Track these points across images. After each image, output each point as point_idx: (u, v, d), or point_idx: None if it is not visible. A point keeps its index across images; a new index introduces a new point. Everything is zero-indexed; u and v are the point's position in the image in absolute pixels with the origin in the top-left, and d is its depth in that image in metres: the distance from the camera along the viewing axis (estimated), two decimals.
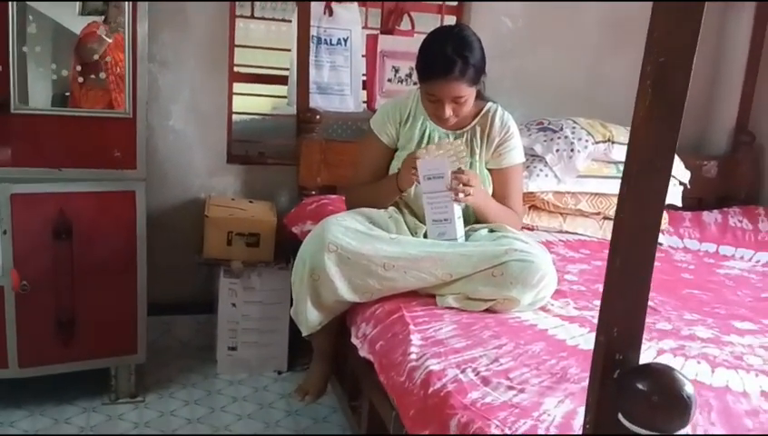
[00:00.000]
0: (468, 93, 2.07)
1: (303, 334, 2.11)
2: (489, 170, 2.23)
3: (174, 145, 2.98)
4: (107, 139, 2.44)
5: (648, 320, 2.05)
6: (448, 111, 2.08)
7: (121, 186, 2.48)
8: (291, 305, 2.16)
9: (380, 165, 2.26)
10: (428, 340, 1.70)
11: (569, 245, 2.69)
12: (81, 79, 2.38)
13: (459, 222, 2.07)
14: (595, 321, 1.94)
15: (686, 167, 2.99)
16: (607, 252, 2.49)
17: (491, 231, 2.14)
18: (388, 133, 2.25)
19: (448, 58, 2.01)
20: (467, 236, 2.12)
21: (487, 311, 1.91)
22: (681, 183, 2.94)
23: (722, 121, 3.47)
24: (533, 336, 1.76)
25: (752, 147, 3.35)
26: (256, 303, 2.84)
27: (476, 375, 1.52)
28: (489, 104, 2.25)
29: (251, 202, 3.00)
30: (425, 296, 1.98)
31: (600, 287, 2.21)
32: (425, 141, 2.21)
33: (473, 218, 2.19)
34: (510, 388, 1.47)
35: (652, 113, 0.79)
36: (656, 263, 2.42)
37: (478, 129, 2.22)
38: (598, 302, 2.08)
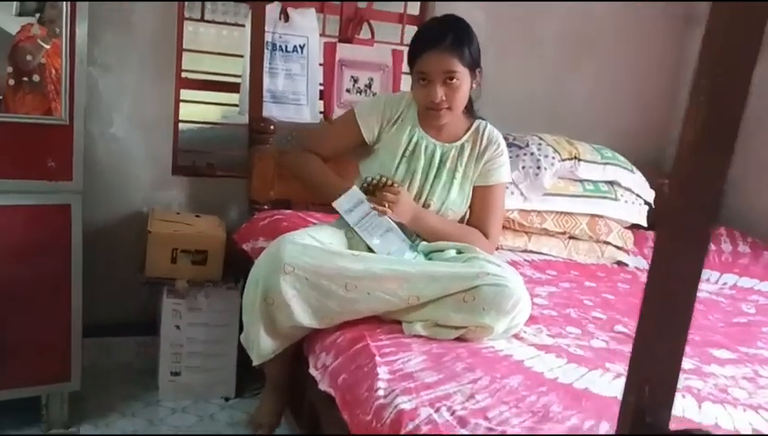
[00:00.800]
0: (461, 72, 1.96)
1: (254, 363, 1.93)
2: (474, 188, 2.12)
3: (116, 155, 2.77)
4: (41, 148, 2.23)
5: (625, 349, 1.96)
6: (440, 92, 1.96)
7: (55, 199, 2.27)
8: (241, 330, 1.98)
9: (344, 148, 2.18)
10: (396, 373, 1.55)
11: (535, 266, 2.58)
12: (12, 82, 2.16)
13: (398, 230, 2.02)
14: (572, 350, 1.83)
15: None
16: (574, 273, 2.38)
17: (459, 252, 2.01)
18: (369, 127, 2.12)
19: (440, 30, 1.97)
20: (432, 257, 1.99)
21: (459, 339, 1.77)
22: (646, 203, 2.87)
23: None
24: (509, 368, 1.62)
25: None
26: (202, 325, 2.65)
27: (451, 415, 1.37)
28: (479, 120, 2.15)
29: (197, 216, 2.81)
30: (390, 323, 1.84)
31: (571, 312, 2.13)
32: (410, 148, 2.09)
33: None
34: (490, 430, 1.33)
35: (704, 137, 0.64)
36: (625, 286, 2.32)
37: (468, 145, 2.12)
38: (572, 329, 2.00)
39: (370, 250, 2.01)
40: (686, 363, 1.80)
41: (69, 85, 2.23)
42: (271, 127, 2.77)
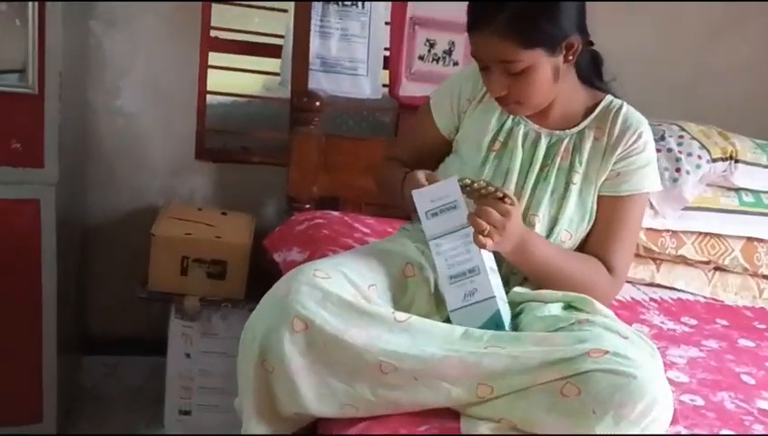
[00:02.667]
0: (525, 58, 1.28)
1: None
2: (599, 197, 1.42)
3: (124, 134, 2.26)
4: (2, 124, 1.70)
5: None
6: (499, 85, 1.31)
7: (19, 192, 1.74)
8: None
9: (423, 151, 1.52)
10: None
11: (665, 309, 1.85)
12: None
13: (494, 275, 1.28)
14: None
15: None
16: (721, 322, 1.59)
17: (568, 307, 1.33)
18: (443, 114, 1.49)
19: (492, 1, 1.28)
20: (521, 315, 1.32)
21: None
22: None
23: None
24: None
25: None
26: (218, 355, 2.10)
27: None
28: (611, 98, 1.45)
29: (224, 214, 2.25)
30: (444, 413, 1.19)
31: (725, 398, 1.37)
32: (502, 138, 1.42)
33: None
34: None
35: None
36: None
37: (591, 133, 1.42)
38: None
39: (435, 300, 1.34)
40: None
41: (38, 40, 1.67)
42: (317, 103, 2.14)
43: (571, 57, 1.33)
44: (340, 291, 1.21)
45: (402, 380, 1.15)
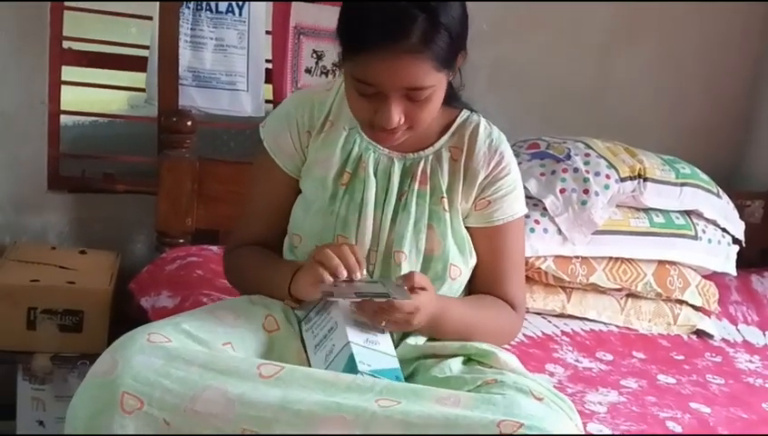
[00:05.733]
0: (435, 81, 1.09)
1: None
2: (472, 230, 1.26)
3: None
4: None
5: None
6: (397, 114, 1.10)
7: None
8: None
9: (277, 206, 1.29)
10: None
11: (579, 344, 1.70)
12: None
13: (355, 327, 1.11)
14: None
15: None
16: (639, 356, 1.03)
17: (469, 360, 1.17)
18: (287, 153, 1.27)
19: (397, 10, 1.03)
20: (416, 376, 1.15)
21: None
22: (735, 241, 1.99)
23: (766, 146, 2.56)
24: None
25: None
26: None
27: None
28: (467, 113, 1.27)
29: (82, 252, 1.98)
30: None
31: None
32: (350, 166, 1.23)
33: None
34: None
35: None
36: (718, 381, 1.42)
37: (447, 155, 1.25)
38: None
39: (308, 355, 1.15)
40: None
41: None
42: (188, 123, 1.91)
43: (450, 76, 1.15)
44: (186, 352, 1.01)
45: None
